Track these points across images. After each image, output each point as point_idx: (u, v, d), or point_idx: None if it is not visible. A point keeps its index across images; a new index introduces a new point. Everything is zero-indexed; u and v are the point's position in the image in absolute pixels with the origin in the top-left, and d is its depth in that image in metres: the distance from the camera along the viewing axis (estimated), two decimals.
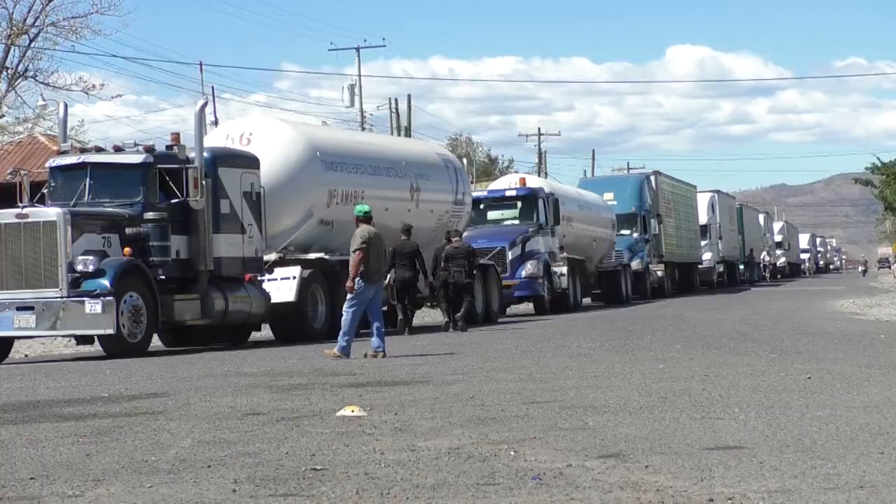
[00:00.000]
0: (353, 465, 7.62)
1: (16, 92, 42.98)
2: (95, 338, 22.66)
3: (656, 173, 55.20)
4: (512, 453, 7.84)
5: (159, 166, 23.15)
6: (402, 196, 30.16)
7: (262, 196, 25.20)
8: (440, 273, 28.36)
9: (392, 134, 65.36)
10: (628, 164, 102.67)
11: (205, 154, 23.69)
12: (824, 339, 20.06)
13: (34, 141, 45.24)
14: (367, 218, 19.43)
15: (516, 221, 38.02)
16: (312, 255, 26.73)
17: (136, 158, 23.08)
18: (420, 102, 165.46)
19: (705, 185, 70.53)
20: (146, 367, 19.03)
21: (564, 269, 38.78)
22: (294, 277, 25.69)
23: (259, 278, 25.22)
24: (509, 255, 36.00)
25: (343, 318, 18.96)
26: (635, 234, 50.36)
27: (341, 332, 18.85)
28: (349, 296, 18.90)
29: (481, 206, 38.63)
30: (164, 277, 23.07)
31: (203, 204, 23.33)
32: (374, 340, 18.72)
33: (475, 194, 41.36)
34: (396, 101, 69.03)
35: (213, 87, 67.98)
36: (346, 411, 10.59)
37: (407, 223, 29.42)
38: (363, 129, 60.88)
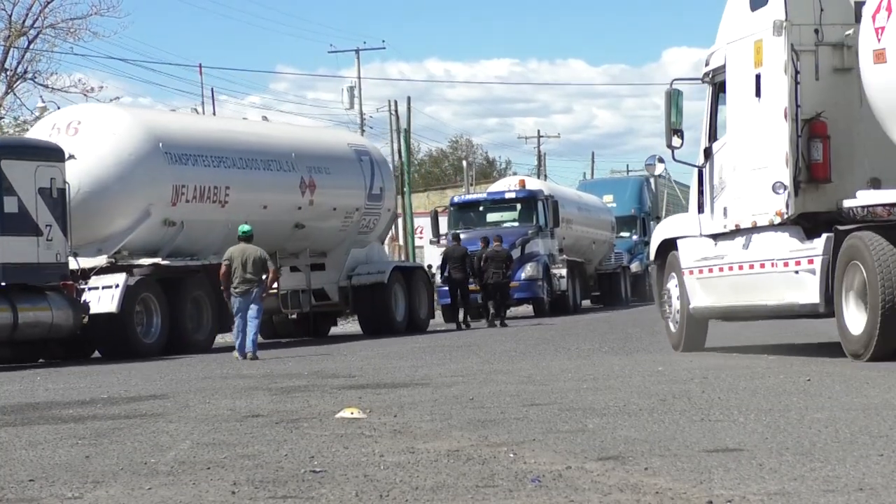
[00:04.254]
0: (352, 468, 7.61)
1: (14, 94, 42.97)
2: None
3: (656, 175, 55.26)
4: (511, 455, 7.83)
5: None
6: (288, 193, 27.40)
7: (68, 192, 22.41)
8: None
9: (392, 136, 65.29)
10: (628, 166, 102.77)
11: None
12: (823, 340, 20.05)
13: None
14: (245, 237, 20.58)
15: (516, 223, 38.06)
16: (146, 261, 23.80)
17: None
18: (417, 104, 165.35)
19: None
20: (145, 369, 19.04)
21: (564, 272, 38.85)
22: (117, 286, 22.67)
23: (80, 287, 22.64)
24: None
25: None
26: (635, 237, 50.41)
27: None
28: None
29: (480, 208, 38.72)
30: None
31: None
32: (247, 344, 20.40)
33: (474, 196, 41.45)
34: (396, 102, 69.04)
35: (213, 90, 68.04)
36: (346, 413, 10.59)
37: (453, 233, 32.44)
38: (362, 131, 60.75)
